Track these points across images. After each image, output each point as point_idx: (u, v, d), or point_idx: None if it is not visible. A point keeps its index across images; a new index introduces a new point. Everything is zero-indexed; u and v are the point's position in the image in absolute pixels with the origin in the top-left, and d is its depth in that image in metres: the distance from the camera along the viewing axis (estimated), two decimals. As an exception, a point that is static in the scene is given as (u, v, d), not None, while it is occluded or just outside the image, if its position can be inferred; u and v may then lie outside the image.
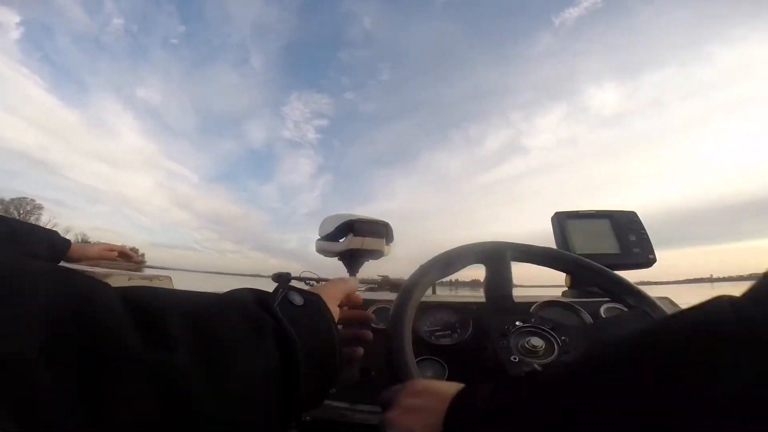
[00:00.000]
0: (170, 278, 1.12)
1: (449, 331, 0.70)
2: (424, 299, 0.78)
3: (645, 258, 0.82)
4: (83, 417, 0.21)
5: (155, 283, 1.06)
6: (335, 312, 0.41)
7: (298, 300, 0.35)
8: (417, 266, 0.63)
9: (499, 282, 0.60)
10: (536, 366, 0.50)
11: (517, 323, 0.55)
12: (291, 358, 0.31)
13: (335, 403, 0.60)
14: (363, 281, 1.64)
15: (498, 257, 0.61)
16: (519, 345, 0.52)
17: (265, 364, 0.30)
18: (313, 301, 0.38)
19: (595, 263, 0.63)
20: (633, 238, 0.82)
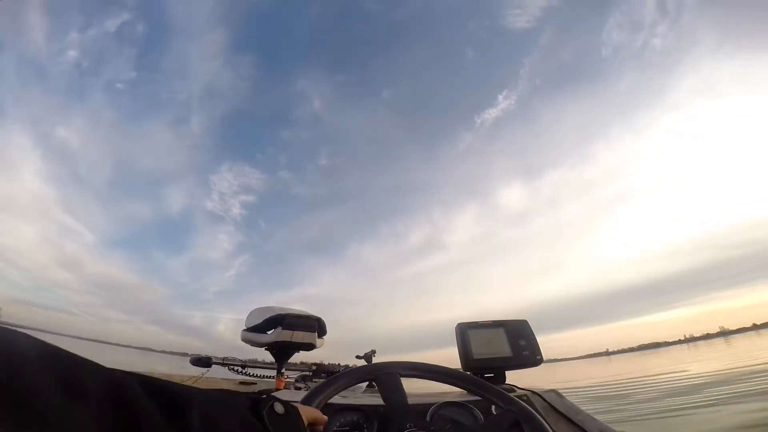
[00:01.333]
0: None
1: (357, 431, 0.76)
2: (334, 401, 0.84)
3: (533, 358, 0.94)
4: None
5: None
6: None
7: (279, 409, 0.45)
8: (348, 352, 0.70)
9: (391, 394, 0.67)
10: None
11: (409, 426, 0.61)
12: None
13: None
14: (294, 368, 1.62)
15: (390, 377, 0.68)
16: None
17: None
18: (292, 412, 0.47)
19: (460, 371, 0.73)
20: (523, 342, 0.95)
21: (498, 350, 0.93)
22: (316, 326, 1.15)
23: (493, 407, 0.84)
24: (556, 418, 0.88)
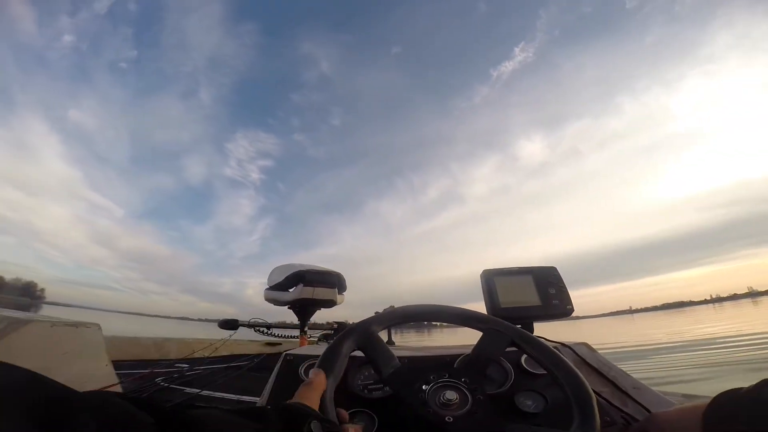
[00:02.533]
0: (99, 326, 1.06)
1: (381, 384, 0.74)
2: (357, 354, 0.82)
3: (564, 309, 0.90)
4: None
5: (82, 331, 1.01)
6: None
7: (317, 430, 0.42)
8: (369, 311, 0.68)
9: (383, 360, 0.63)
10: (448, 418, 0.53)
11: (441, 376, 0.59)
12: None
13: None
14: (316, 327, 1.64)
15: (367, 338, 0.65)
16: (437, 398, 0.56)
17: None
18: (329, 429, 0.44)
19: (500, 320, 0.69)
20: (553, 291, 0.90)
21: (526, 298, 0.89)
22: (336, 282, 1.13)
23: (523, 359, 0.80)
24: (587, 372, 0.84)
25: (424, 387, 0.58)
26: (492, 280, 0.89)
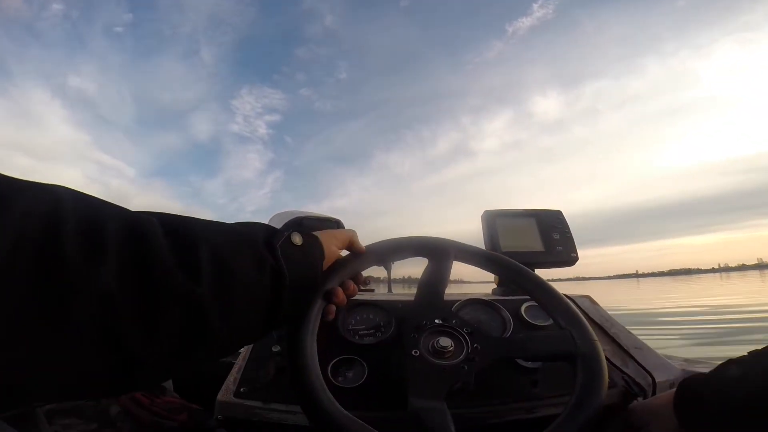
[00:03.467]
0: None
1: (373, 330, 0.70)
2: (353, 298, 0.79)
3: (568, 256, 0.85)
4: (144, 337, 0.27)
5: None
6: (331, 252, 0.51)
7: (297, 240, 0.43)
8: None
9: (435, 279, 0.60)
10: (439, 364, 0.50)
11: (436, 321, 0.55)
12: (280, 289, 0.39)
13: (248, 402, 0.59)
14: None
15: (442, 255, 0.62)
16: (429, 343, 0.53)
17: (260, 294, 0.38)
18: (310, 242, 0.46)
19: (527, 270, 0.65)
20: (557, 236, 0.85)
21: (529, 243, 0.85)
22: (335, 228, 1.09)
23: (523, 308, 0.77)
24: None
25: (418, 329, 0.54)
26: (493, 222, 0.84)
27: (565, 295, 0.83)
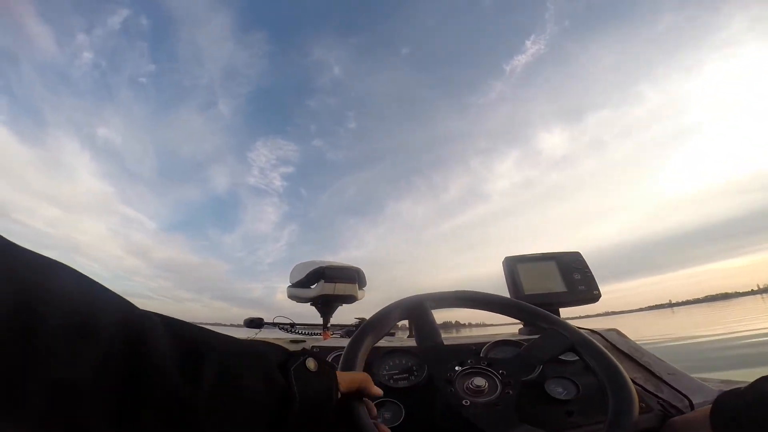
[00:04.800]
0: None
1: (406, 374, 0.72)
2: (383, 344, 0.79)
3: (590, 294, 0.85)
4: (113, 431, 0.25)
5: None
6: (344, 383, 0.47)
7: (312, 365, 0.42)
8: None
9: (426, 331, 0.63)
10: (465, 402, 0.51)
11: (458, 367, 0.57)
12: (287, 412, 0.37)
13: None
14: (338, 326, 1.63)
15: (419, 310, 0.64)
16: (465, 386, 0.54)
17: (265, 414, 0.36)
18: (325, 369, 0.44)
19: (498, 296, 0.67)
20: (578, 276, 0.85)
21: (551, 285, 0.84)
22: (356, 277, 1.12)
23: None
24: (619, 359, 0.79)
25: (449, 379, 0.56)
26: (515, 267, 0.85)
27: (592, 330, 0.82)
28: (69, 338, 0.23)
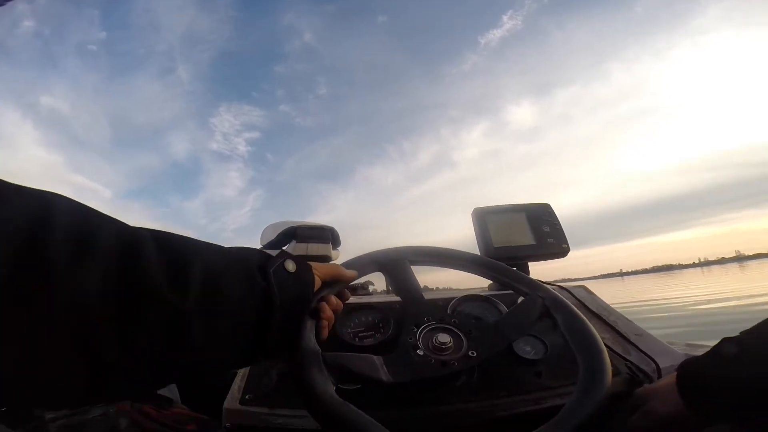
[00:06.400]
0: None
1: (372, 332, 0.69)
2: (349, 302, 0.77)
3: (559, 248, 0.85)
4: (120, 350, 0.26)
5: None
6: (319, 281, 0.50)
7: (291, 267, 0.43)
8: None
9: (405, 286, 0.60)
10: (432, 360, 0.49)
11: (427, 320, 0.55)
12: (269, 312, 0.39)
13: (254, 409, 0.58)
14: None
15: (397, 264, 0.62)
16: (429, 342, 0.52)
17: (247, 315, 0.37)
18: (303, 269, 0.46)
19: (477, 256, 0.66)
20: (547, 229, 0.85)
21: (520, 237, 0.84)
22: (330, 236, 1.07)
23: (519, 300, 0.76)
24: (588, 317, 0.80)
25: (414, 329, 0.53)
26: (484, 219, 0.84)
27: (560, 286, 0.82)
28: (74, 258, 0.24)
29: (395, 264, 0.61)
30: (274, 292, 0.39)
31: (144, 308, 0.28)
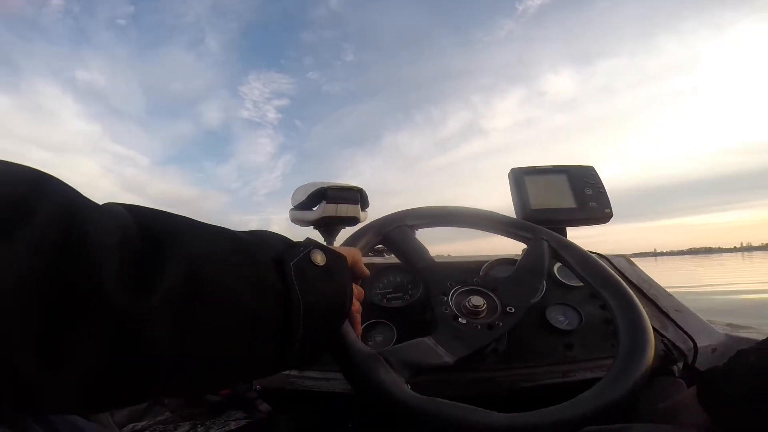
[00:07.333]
0: None
1: (401, 293, 0.67)
2: (377, 261, 0.75)
3: (602, 212, 0.79)
4: (42, 362, 0.19)
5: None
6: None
7: (319, 259, 0.33)
8: None
9: (412, 255, 0.56)
10: (478, 326, 0.47)
11: (451, 284, 0.52)
12: (289, 321, 0.29)
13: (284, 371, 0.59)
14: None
15: (396, 232, 0.58)
16: (461, 307, 0.49)
17: (255, 323, 0.27)
18: (336, 262, 0.35)
19: (477, 209, 0.63)
20: (590, 192, 0.78)
21: (560, 200, 0.78)
22: (359, 198, 1.06)
23: (556, 268, 0.72)
24: None
25: (445, 293, 0.51)
26: (522, 180, 0.78)
27: (600, 255, 0.77)
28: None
29: (394, 233, 0.57)
30: (294, 294, 0.29)
31: (82, 307, 0.20)
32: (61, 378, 0.20)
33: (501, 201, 0.85)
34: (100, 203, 0.24)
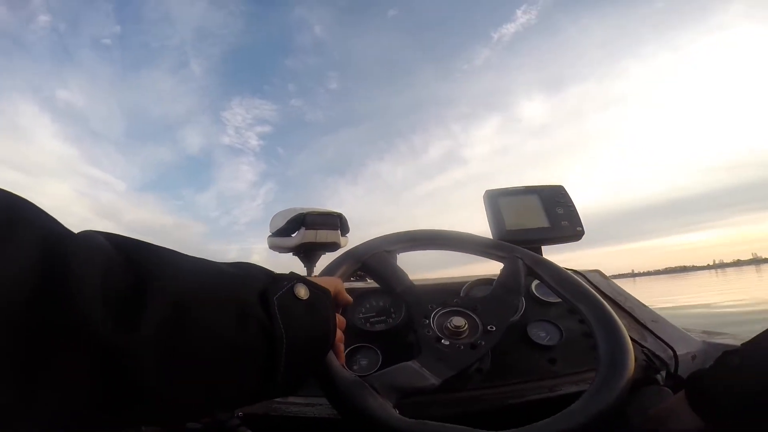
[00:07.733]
0: None
1: (384, 317, 0.67)
2: (358, 286, 0.74)
3: (573, 230, 0.81)
4: (18, 394, 0.18)
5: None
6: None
7: (303, 293, 0.33)
8: None
9: (392, 280, 0.57)
10: (461, 346, 0.48)
11: (431, 307, 0.53)
12: (272, 354, 0.30)
13: None
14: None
15: (374, 259, 0.59)
16: (443, 329, 0.50)
17: (240, 356, 0.28)
18: (319, 296, 0.35)
19: (453, 231, 0.65)
20: (561, 211, 0.80)
21: (534, 220, 0.80)
22: (338, 223, 1.05)
23: (533, 285, 0.73)
24: None
25: (430, 311, 0.52)
26: (496, 201, 0.80)
27: (574, 270, 0.78)
28: None
29: (372, 259, 0.58)
30: (278, 328, 0.30)
31: (64, 341, 0.19)
32: (37, 410, 0.19)
33: (482, 226, 0.86)
34: (75, 230, 0.24)
